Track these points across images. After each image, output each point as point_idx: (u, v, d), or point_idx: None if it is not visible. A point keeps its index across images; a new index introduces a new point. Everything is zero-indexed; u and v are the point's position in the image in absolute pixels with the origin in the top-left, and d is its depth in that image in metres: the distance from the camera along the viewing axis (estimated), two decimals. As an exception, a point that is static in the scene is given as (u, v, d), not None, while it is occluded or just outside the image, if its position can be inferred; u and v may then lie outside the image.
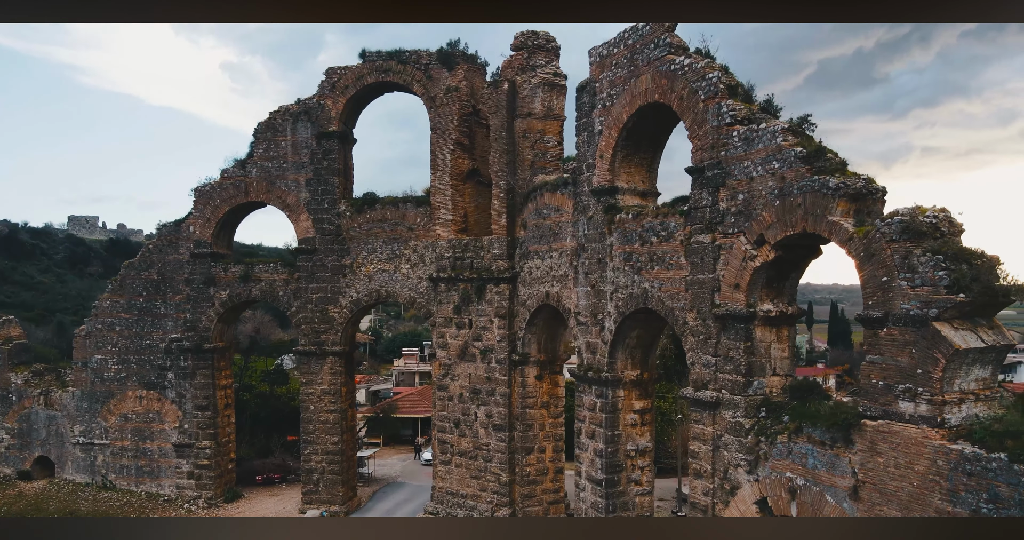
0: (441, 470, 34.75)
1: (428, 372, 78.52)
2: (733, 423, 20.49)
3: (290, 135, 36.88)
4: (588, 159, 27.33)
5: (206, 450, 37.47)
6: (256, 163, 37.14)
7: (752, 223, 19.86)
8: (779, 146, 19.10)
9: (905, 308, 15.68)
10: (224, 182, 37.43)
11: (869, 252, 16.53)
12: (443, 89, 35.04)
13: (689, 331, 22.24)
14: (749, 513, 20.00)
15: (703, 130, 21.53)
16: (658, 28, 23.71)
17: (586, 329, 27.50)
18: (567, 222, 28.98)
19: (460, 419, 34.10)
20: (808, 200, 18.14)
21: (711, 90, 21.31)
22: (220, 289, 37.67)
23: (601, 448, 26.56)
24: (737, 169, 20.41)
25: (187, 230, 37.84)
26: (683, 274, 22.54)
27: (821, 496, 17.76)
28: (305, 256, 36.70)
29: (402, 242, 36.14)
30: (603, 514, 26.47)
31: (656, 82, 23.55)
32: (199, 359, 37.53)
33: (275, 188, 36.91)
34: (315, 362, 36.55)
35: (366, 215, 36.56)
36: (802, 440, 18.41)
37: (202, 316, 37.62)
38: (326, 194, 36.62)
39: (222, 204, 37.42)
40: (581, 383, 27.69)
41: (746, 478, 20.09)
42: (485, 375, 33.33)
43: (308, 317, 36.60)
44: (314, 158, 36.66)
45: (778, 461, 19.12)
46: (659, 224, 23.71)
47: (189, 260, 37.70)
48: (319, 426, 36.52)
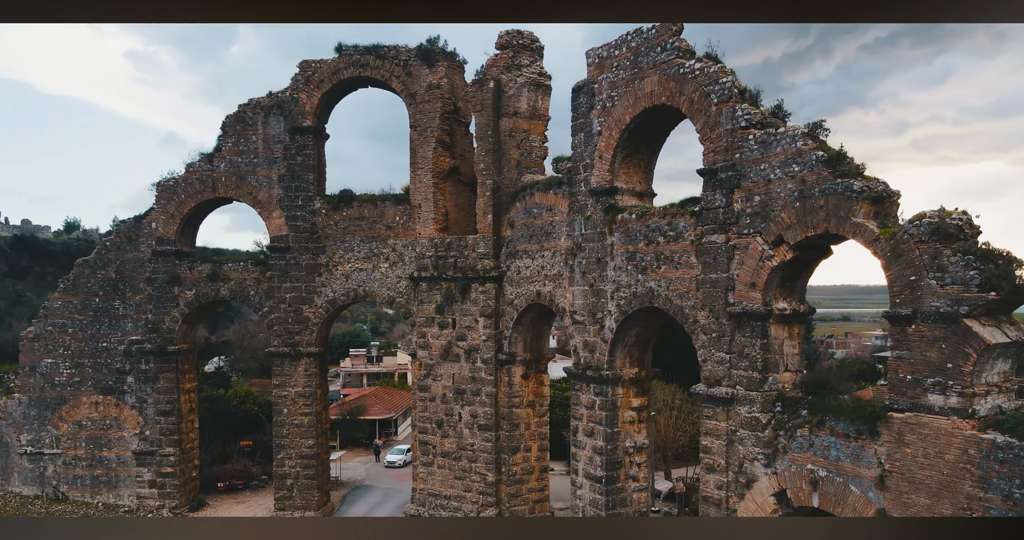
0: (422, 471, 34.30)
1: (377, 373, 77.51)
2: (749, 418, 21.08)
3: (261, 129, 35.62)
4: (586, 159, 27.53)
5: (170, 457, 35.76)
6: (224, 157, 35.70)
7: (770, 224, 20.47)
8: (799, 150, 19.76)
9: (935, 306, 16.52)
10: (189, 177, 35.82)
11: (897, 252, 17.32)
12: (423, 86, 34.59)
13: (700, 329, 22.73)
14: (766, 505, 20.62)
15: (716, 133, 22.04)
16: (665, 32, 24.12)
17: (583, 328, 27.70)
18: (561, 222, 29.10)
19: (443, 420, 33.75)
20: (831, 202, 18.84)
21: (725, 94, 21.84)
22: (185, 288, 36.03)
23: (601, 446, 26.82)
24: (753, 171, 20.99)
25: (148, 227, 36.02)
26: (694, 273, 23.02)
27: (845, 487, 18.50)
28: (278, 254, 35.54)
29: (380, 241, 35.47)
30: (603, 511, 26.75)
31: (663, 85, 23.95)
32: (162, 362, 35.79)
33: (245, 184, 35.57)
34: (289, 364, 35.44)
35: (343, 213, 35.70)
36: (824, 433, 19.12)
37: (165, 317, 35.88)
38: (300, 191, 35.55)
39: (187, 200, 35.79)
40: (578, 381, 27.88)
41: (763, 471, 20.71)
42: (470, 375, 33.10)
43: (281, 317, 35.45)
44: (287, 153, 35.53)
45: (798, 454, 19.79)
46: (666, 224, 24.13)
47: (151, 258, 35.89)
48: (293, 430, 35.43)
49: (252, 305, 36.16)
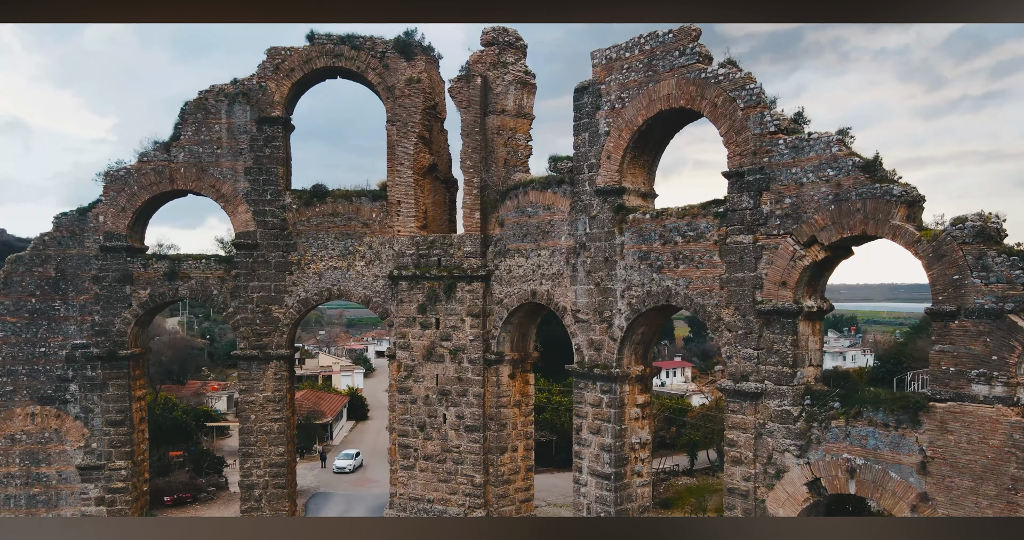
0: (402, 476, 33.34)
1: (310, 376, 74.35)
2: (780, 411, 21.95)
3: (225, 118, 33.43)
4: (590, 159, 27.71)
5: (121, 471, 32.87)
6: (184, 147, 33.23)
7: (802, 225, 21.39)
8: (834, 155, 20.78)
9: (979, 303, 17.85)
10: (143, 167, 33.08)
11: (939, 253, 18.57)
12: (402, 80, 33.63)
13: (725, 326, 23.43)
14: (798, 495, 21.55)
15: (742, 137, 22.78)
16: (684, 37, 24.68)
17: (588, 326, 27.87)
18: (561, 221, 29.13)
19: (426, 422, 32.96)
20: (868, 205, 19.93)
21: (752, 100, 22.62)
22: (139, 288, 33.23)
23: (609, 443, 27.08)
24: (784, 175, 21.86)
25: (95, 220, 32.95)
26: (717, 272, 23.69)
27: (884, 473, 19.63)
28: (245, 252, 33.46)
29: (356, 238, 34.15)
30: (611, 507, 27.04)
31: (682, 88, 24.49)
32: (112, 368, 32.83)
33: (207, 176, 33.26)
34: (256, 367, 33.46)
35: (315, 209, 34.09)
36: (862, 423, 20.21)
37: (115, 319, 32.95)
38: (268, 184, 33.65)
39: (140, 192, 33.04)
40: (582, 379, 28.01)
41: (795, 462, 21.62)
42: (455, 376, 32.49)
43: (248, 318, 33.41)
44: (254, 145, 33.54)
45: (833, 444, 20.80)
46: (686, 224, 24.69)
47: (98, 255, 32.86)
48: (261, 437, 33.47)
49: (215, 305, 33.84)
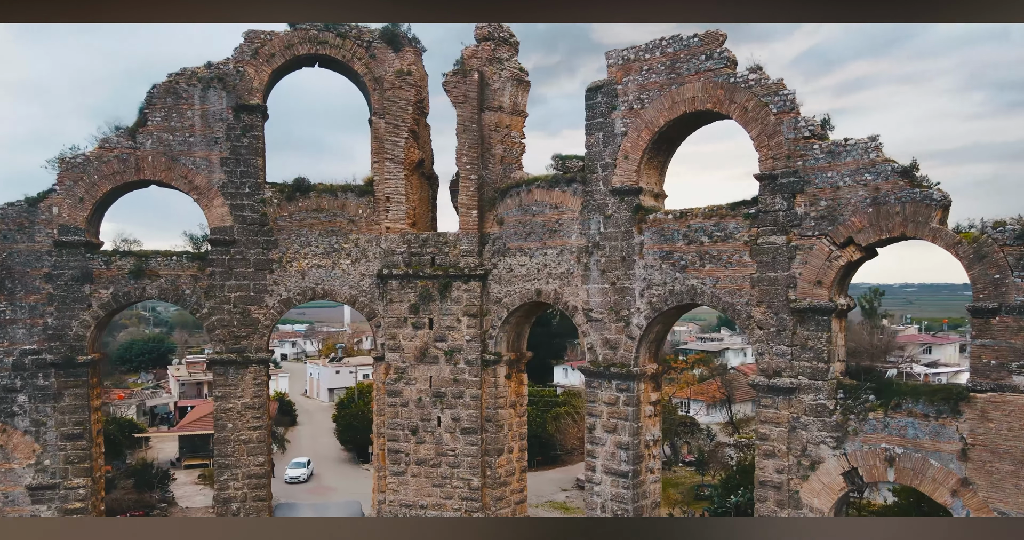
0: (392, 482, 32.11)
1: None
2: (815, 405, 22.86)
3: (199, 104, 30.96)
4: (604, 158, 27.80)
5: (79, 490, 29.67)
6: (152, 134, 30.47)
7: (839, 227, 22.39)
8: (872, 160, 21.88)
9: (1020, 300, 19.34)
10: (105, 154, 30.05)
11: (980, 254, 19.97)
12: (390, 71, 32.43)
13: (756, 324, 24.14)
14: (834, 484, 22.53)
15: (775, 141, 23.56)
16: (711, 41, 25.21)
17: (602, 325, 27.93)
18: (571, 220, 29.01)
19: (419, 425, 31.90)
20: (908, 209, 21.13)
21: (785, 105, 23.43)
22: (100, 287, 30.15)
23: (627, 441, 27.26)
24: (819, 178, 22.80)
25: (47, 212, 29.60)
26: (747, 272, 24.36)
27: (924, 461, 20.87)
28: (221, 248, 31.10)
29: (342, 235, 32.55)
30: (628, 505, 27.22)
31: (709, 91, 25.01)
32: (68, 376, 29.62)
33: (179, 166, 30.67)
34: (234, 372, 31.18)
35: (298, 203, 32.21)
36: (901, 414, 21.38)
37: (72, 321, 29.75)
38: (247, 176, 31.46)
39: (101, 181, 29.99)
40: (597, 378, 28.04)
41: (831, 453, 22.57)
42: (451, 377, 31.65)
43: (225, 320, 31.08)
44: (231, 134, 31.25)
45: (871, 435, 21.89)
46: (712, 225, 25.24)
47: (52, 250, 29.55)
48: (239, 447, 31.21)
49: (188, 306, 31.18)
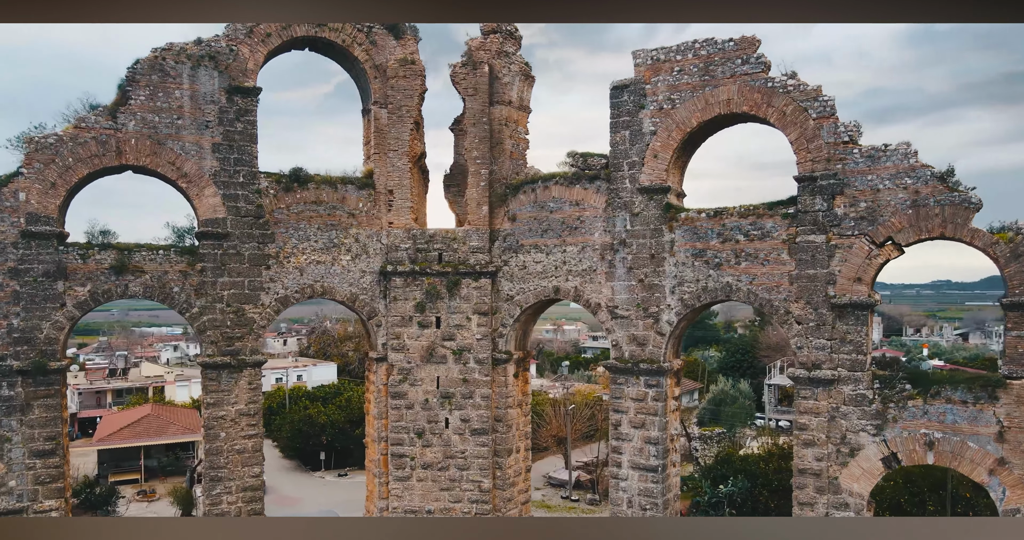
0: (396, 487, 30.73)
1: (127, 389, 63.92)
2: (854, 395, 24.18)
3: (188, 83, 28.28)
4: (632, 157, 28.04)
5: (51, 513, 26.21)
6: (135, 114, 27.47)
7: (878, 227, 23.82)
8: (912, 165, 23.46)
9: (1053, 295, 21.46)
10: (81, 135, 26.76)
11: (1016, 253, 21.91)
12: (392, 59, 31.11)
13: (794, 319, 25.19)
14: (873, 469, 23.93)
15: (815, 144, 24.72)
16: (747, 46, 26.03)
17: (629, 322, 28.12)
18: (594, 217, 29.00)
19: (425, 428, 30.73)
20: (947, 211, 22.84)
21: (825, 111, 24.62)
22: (76, 284, 26.79)
23: (656, 436, 27.61)
24: (859, 181, 24.16)
25: (12, 198, 25.96)
26: (785, 269, 25.37)
27: (962, 444, 22.61)
28: (213, 242, 28.53)
29: (342, 229, 30.77)
30: (657, 499, 27.58)
31: (745, 94, 25.85)
32: (38, 385, 26.09)
33: (165, 151, 27.83)
34: (227, 376, 28.67)
35: (296, 195, 30.12)
36: (940, 401, 23.04)
37: (43, 323, 26.24)
38: (241, 164, 29.06)
39: (77, 165, 26.68)
40: (624, 375, 28.19)
41: (871, 440, 23.94)
42: (460, 377, 30.74)
43: (218, 320, 28.53)
44: (223, 118, 28.76)
45: (910, 422, 23.43)
46: (749, 224, 26.08)
47: (18, 242, 25.94)
48: (234, 457, 28.72)
49: (176, 305, 28.27)
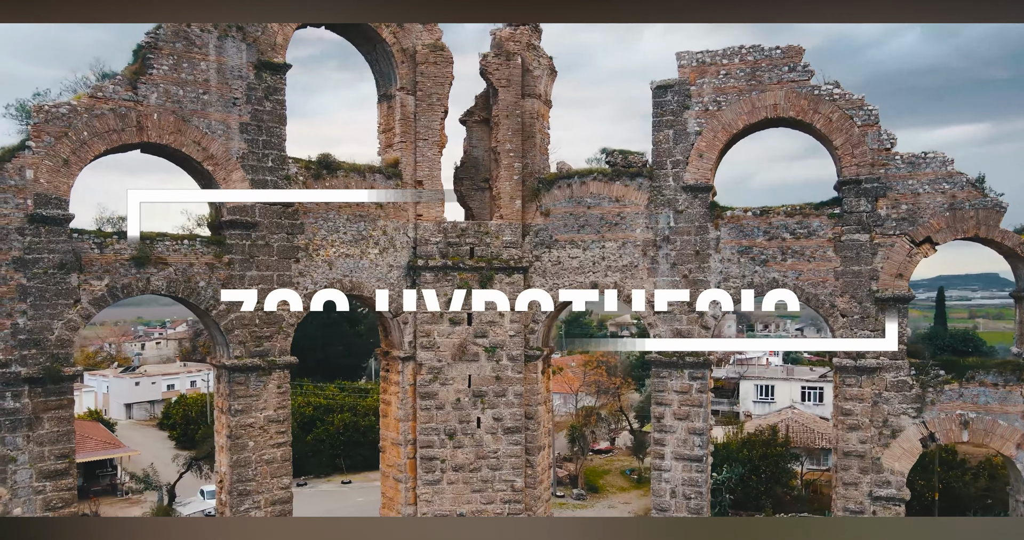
0: (425, 492, 29.34)
1: None
2: (896, 381, 26.33)
3: (214, 55, 25.42)
4: (675, 155, 28.72)
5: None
6: (158, 85, 24.27)
7: (918, 227, 26.14)
8: (949, 172, 25.96)
9: (1072, 289, 24.65)
10: (97, 105, 23.21)
11: (1042, 252, 24.97)
12: (419, 44, 29.78)
13: (839, 312, 26.98)
14: (913, 448, 26.20)
15: (860, 150, 26.66)
16: (794, 54, 27.51)
17: (672, 317, 28.76)
18: (636, 213, 29.34)
19: (456, 428, 29.60)
20: (980, 214, 25.54)
21: (869, 119, 26.64)
22: (92, 278, 23.16)
23: (700, 426, 28.45)
24: (900, 185, 26.36)
25: (18, 176, 22.06)
26: (831, 266, 27.10)
27: (994, 422, 25.36)
28: (240, 232, 25.80)
29: (370, 221, 28.91)
30: (702, 488, 28.43)
31: (792, 101, 27.34)
32: (49, 394, 22.30)
33: (191, 129, 24.83)
34: (256, 380, 26.01)
35: (325, 183, 27.92)
36: (974, 385, 25.68)
37: (55, 322, 22.47)
38: (270, 148, 26.55)
39: (93, 141, 23.12)
40: (666, 368, 28.75)
41: (911, 422, 26.18)
42: (493, 375, 29.92)
43: (246, 318, 25.83)
44: (251, 95, 26.14)
45: (947, 404, 25.90)
46: (795, 223, 27.59)
47: (25, 227, 22.08)
48: (262, 468, 26.08)
49: (202, 302, 25.16)
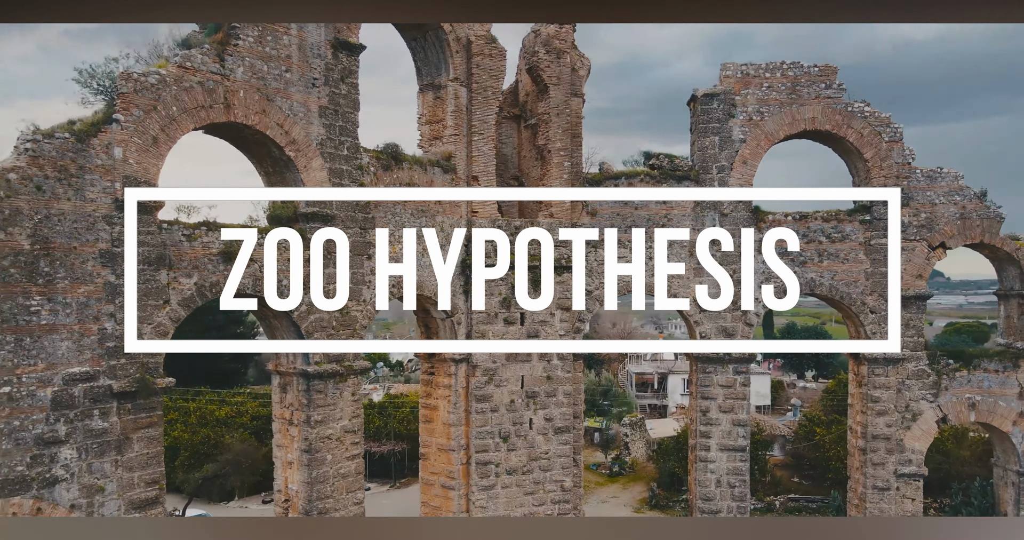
0: (479, 498, 28.41)
1: None
2: (917, 370, 29.62)
3: (295, 29, 23.08)
4: (720, 161, 30.24)
5: (151, 583, 19.26)
6: (243, 59, 21.55)
7: (934, 233, 29.62)
8: (960, 186, 29.67)
9: (1056, 288, 29.21)
10: (186, 77, 20.22)
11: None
12: (472, 34, 28.89)
13: (869, 309, 29.81)
14: (931, 430, 29.62)
15: (887, 163, 29.72)
16: (830, 72, 30.07)
17: (718, 315, 30.18)
18: (682, 215, 30.40)
19: (510, 431, 28.93)
20: (985, 223, 29.47)
21: (895, 136, 29.76)
22: (181, 274, 20.08)
23: (743, 418, 30.12)
24: (920, 196, 29.72)
25: (104, 155, 18.65)
26: (862, 267, 29.91)
27: (995, 403, 29.37)
28: (317, 224, 23.61)
29: (430, 217, 27.46)
30: (746, 476, 30.12)
31: (828, 115, 29.86)
32: (139, 411, 19.03)
33: (274, 109, 22.29)
34: (333, 388, 23.80)
35: (393, 175, 26.14)
36: (979, 372, 29.51)
37: (144, 326, 19.21)
38: (345, 135, 24.45)
39: (182, 117, 20.05)
40: (711, 364, 30.10)
41: (929, 406, 29.57)
42: (544, 375, 29.59)
43: (324, 319, 23.62)
44: (329, 76, 23.98)
45: (958, 389, 29.55)
46: (831, 227, 30.10)
47: (114, 215, 18.77)
48: (339, 484, 23.92)
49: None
